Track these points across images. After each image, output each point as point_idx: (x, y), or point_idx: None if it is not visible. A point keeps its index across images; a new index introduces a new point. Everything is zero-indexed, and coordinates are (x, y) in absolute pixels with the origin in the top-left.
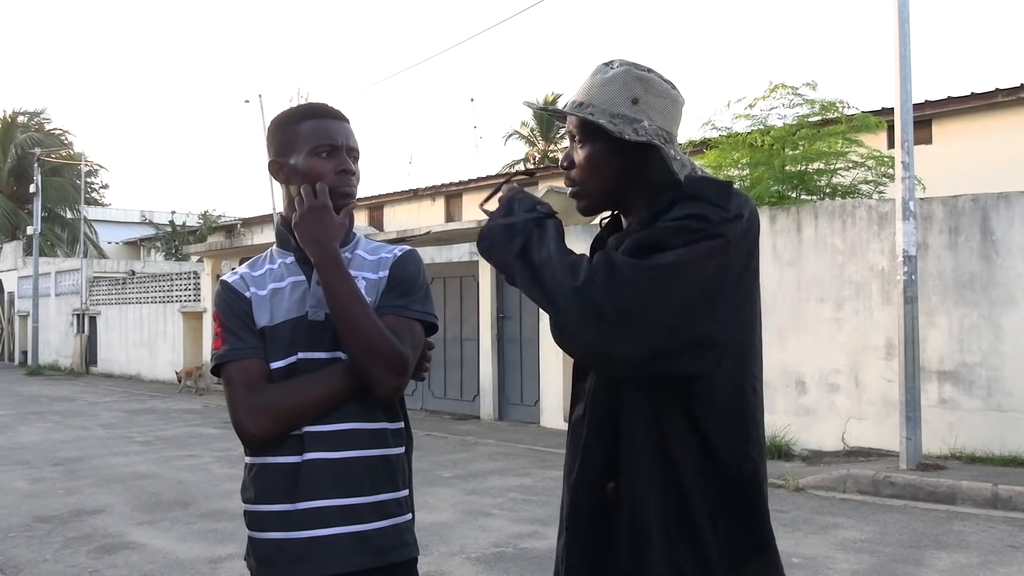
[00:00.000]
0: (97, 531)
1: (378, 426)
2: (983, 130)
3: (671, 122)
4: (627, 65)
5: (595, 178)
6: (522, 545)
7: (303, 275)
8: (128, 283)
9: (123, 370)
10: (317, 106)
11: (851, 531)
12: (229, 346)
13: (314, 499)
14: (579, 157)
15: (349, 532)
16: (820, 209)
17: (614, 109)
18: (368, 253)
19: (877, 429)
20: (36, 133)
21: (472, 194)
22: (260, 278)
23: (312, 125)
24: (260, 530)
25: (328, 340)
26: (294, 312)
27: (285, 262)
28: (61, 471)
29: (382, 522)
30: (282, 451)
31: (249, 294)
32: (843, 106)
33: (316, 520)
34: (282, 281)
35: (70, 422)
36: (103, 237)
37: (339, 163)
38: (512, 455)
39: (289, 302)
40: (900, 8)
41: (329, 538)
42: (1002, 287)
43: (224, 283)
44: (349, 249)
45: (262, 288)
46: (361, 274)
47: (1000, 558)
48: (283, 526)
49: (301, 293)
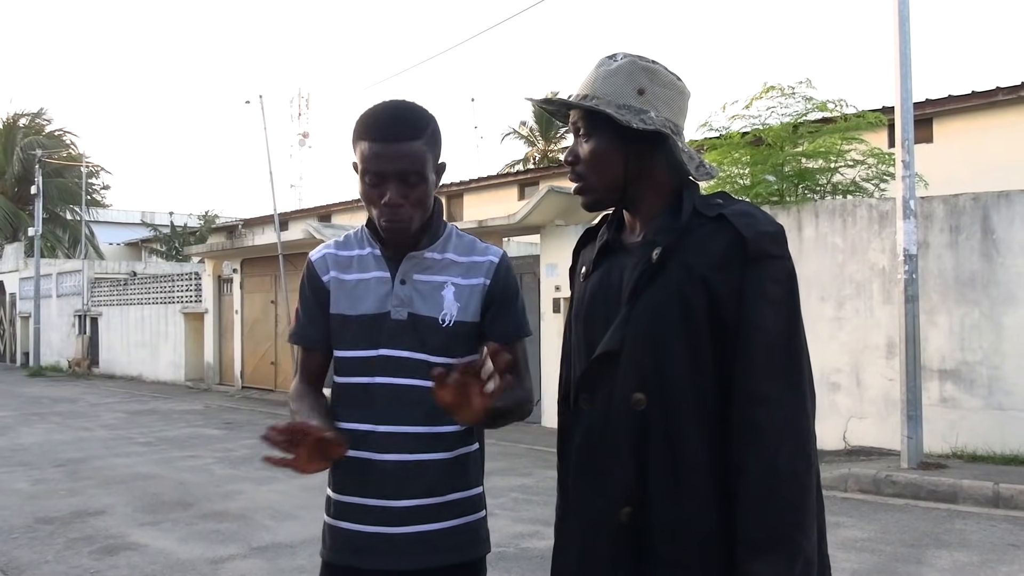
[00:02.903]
0: (99, 532)
1: (448, 429)
2: (984, 129)
3: (678, 114)
4: (631, 57)
5: (601, 172)
6: (523, 545)
7: (388, 271)
8: (129, 284)
9: (125, 371)
10: (377, 125)
11: (852, 530)
12: (300, 331)
13: (398, 498)
14: (584, 151)
15: (427, 530)
16: (821, 208)
17: (620, 100)
18: (459, 255)
19: (878, 428)
20: (37, 136)
21: (473, 193)
22: (346, 261)
23: (365, 148)
24: (342, 519)
25: (408, 339)
26: (376, 307)
27: (375, 253)
28: (63, 472)
29: (457, 520)
30: (361, 449)
31: (328, 278)
32: (841, 104)
33: (403, 517)
34: (368, 273)
35: (72, 423)
36: (104, 238)
37: (383, 194)
38: (513, 455)
39: (373, 296)
40: (900, 7)
41: (413, 535)
42: (1003, 286)
43: (309, 261)
44: (437, 250)
45: (346, 272)
46: (450, 279)
47: (1001, 557)
48: (367, 519)
49: (386, 291)
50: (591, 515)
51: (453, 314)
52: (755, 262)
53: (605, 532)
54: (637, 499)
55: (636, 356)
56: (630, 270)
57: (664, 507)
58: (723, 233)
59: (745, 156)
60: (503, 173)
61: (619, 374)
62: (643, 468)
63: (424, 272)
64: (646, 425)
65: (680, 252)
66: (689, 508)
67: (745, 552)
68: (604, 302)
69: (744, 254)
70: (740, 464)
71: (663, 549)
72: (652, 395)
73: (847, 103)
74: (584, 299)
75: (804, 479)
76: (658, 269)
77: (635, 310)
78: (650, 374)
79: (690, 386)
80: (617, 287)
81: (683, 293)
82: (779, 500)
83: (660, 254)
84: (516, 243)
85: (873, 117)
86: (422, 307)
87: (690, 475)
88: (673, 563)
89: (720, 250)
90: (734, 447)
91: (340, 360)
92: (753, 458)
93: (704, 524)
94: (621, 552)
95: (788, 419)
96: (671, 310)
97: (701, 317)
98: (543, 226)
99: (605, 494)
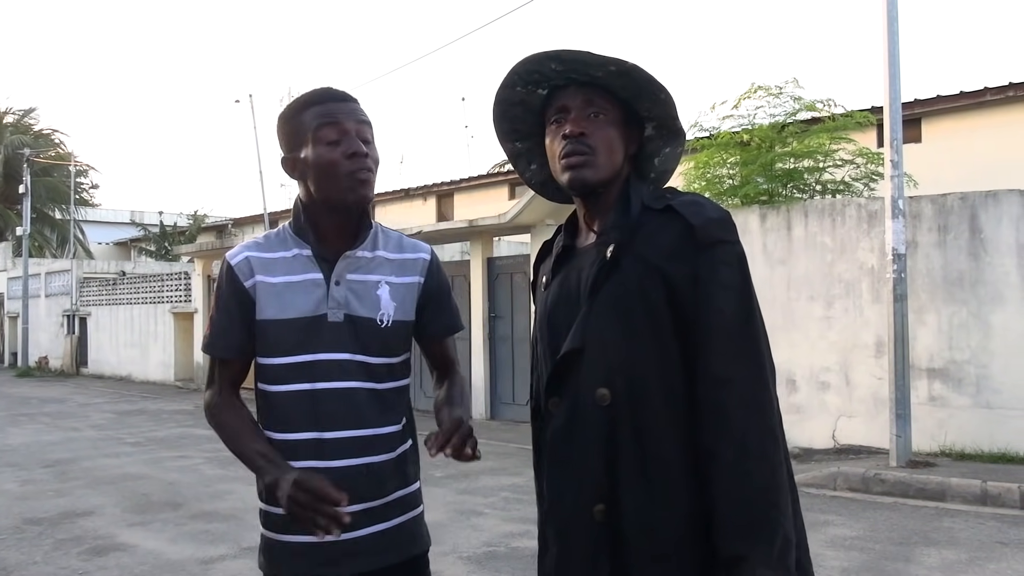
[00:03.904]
0: (88, 533)
1: (392, 429)
2: (972, 129)
3: None
4: None
5: (613, 153)
6: (513, 544)
7: (321, 273)
8: (118, 284)
9: (114, 371)
10: (319, 91)
11: (841, 528)
12: (216, 340)
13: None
14: (600, 127)
15: (377, 531)
16: (810, 208)
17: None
18: (389, 252)
19: (867, 427)
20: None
21: (463, 193)
22: (271, 263)
23: (315, 112)
24: (282, 532)
25: (347, 342)
26: (311, 310)
27: (303, 254)
28: (51, 473)
29: (401, 517)
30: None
31: (251, 283)
32: (830, 104)
33: (357, 521)
34: (297, 275)
35: (60, 423)
36: (93, 238)
37: (348, 146)
38: (504, 454)
39: (307, 299)
40: (889, 7)
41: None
42: (990, 285)
43: (227, 265)
44: (368, 248)
45: (273, 275)
46: (384, 278)
47: (989, 554)
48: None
49: (320, 293)
50: (566, 515)
51: (390, 314)
52: (706, 248)
53: (581, 531)
54: (609, 496)
55: (598, 352)
56: (587, 270)
57: (636, 502)
58: (672, 224)
59: (733, 157)
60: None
61: (583, 371)
62: (613, 464)
63: (357, 272)
64: (613, 420)
65: (633, 247)
66: (661, 501)
67: (724, 536)
68: (566, 305)
69: (694, 242)
70: (710, 448)
71: (639, 544)
72: (617, 389)
73: (835, 103)
74: (547, 307)
75: (773, 457)
76: (613, 265)
77: (594, 306)
78: (614, 369)
79: (655, 378)
80: (576, 289)
81: (641, 286)
82: (753, 481)
83: (614, 250)
84: (507, 242)
85: (862, 117)
86: (359, 308)
87: (660, 467)
88: (651, 557)
89: (671, 240)
90: (703, 432)
91: (272, 368)
92: (723, 442)
93: (678, 515)
94: (599, 550)
95: (752, 399)
96: (630, 303)
97: (661, 308)
98: (534, 225)
99: (577, 493)
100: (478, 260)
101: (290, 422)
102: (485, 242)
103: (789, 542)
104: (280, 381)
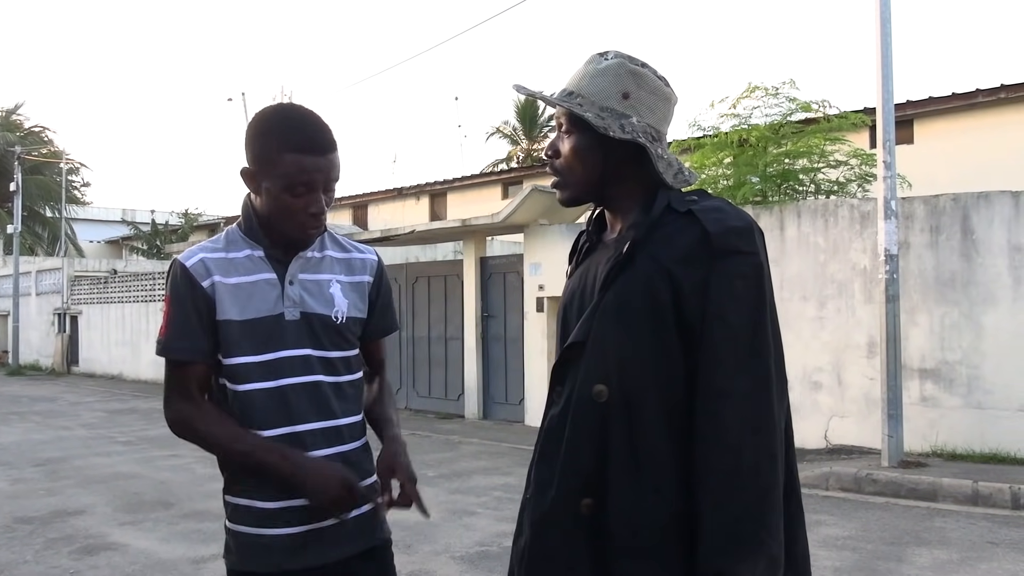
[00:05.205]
0: (79, 532)
1: (354, 420)
2: (964, 130)
3: (661, 120)
4: (621, 58)
5: (579, 170)
6: (506, 544)
7: (275, 273)
8: (110, 282)
9: (105, 370)
10: (303, 138)
11: (833, 528)
12: (180, 343)
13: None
14: (565, 147)
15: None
16: (803, 208)
17: (604, 102)
18: (336, 252)
19: (859, 427)
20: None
21: (456, 193)
22: (226, 264)
23: (294, 161)
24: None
25: (306, 338)
26: (269, 310)
27: (254, 255)
28: (42, 472)
29: (368, 505)
30: None
31: (209, 283)
32: (824, 105)
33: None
34: (252, 275)
35: (51, 422)
36: (84, 236)
37: (311, 204)
38: (497, 454)
39: (261, 299)
40: (882, 9)
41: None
42: (982, 286)
43: (182, 267)
44: (317, 248)
45: (229, 276)
46: (334, 277)
47: (980, 554)
48: (269, 523)
49: (277, 293)
50: (549, 505)
51: (344, 311)
52: (721, 257)
53: (565, 523)
54: (597, 491)
55: (599, 347)
56: (603, 264)
57: (624, 499)
58: (691, 228)
59: (729, 157)
60: (487, 172)
61: (583, 365)
62: (603, 460)
63: (309, 271)
64: (607, 418)
65: (649, 245)
66: (649, 500)
67: (707, 551)
68: (580, 297)
69: (710, 249)
70: (703, 460)
71: (623, 540)
72: (613, 387)
73: (830, 104)
74: (565, 297)
75: (768, 476)
76: (627, 261)
77: (603, 301)
78: (613, 365)
79: (653, 378)
80: (591, 282)
81: (650, 285)
82: (743, 499)
83: (629, 247)
84: (500, 242)
85: (855, 118)
86: (314, 305)
87: (651, 467)
88: (632, 553)
89: (686, 244)
90: (698, 442)
91: (237, 367)
92: (716, 455)
93: (663, 515)
94: (581, 543)
95: (751, 415)
96: (637, 301)
97: (666, 310)
98: (527, 225)
99: (565, 485)
100: (471, 260)
101: (263, 419)
102: (478, 242)
103: (775, 563)
104: (246, 380)
